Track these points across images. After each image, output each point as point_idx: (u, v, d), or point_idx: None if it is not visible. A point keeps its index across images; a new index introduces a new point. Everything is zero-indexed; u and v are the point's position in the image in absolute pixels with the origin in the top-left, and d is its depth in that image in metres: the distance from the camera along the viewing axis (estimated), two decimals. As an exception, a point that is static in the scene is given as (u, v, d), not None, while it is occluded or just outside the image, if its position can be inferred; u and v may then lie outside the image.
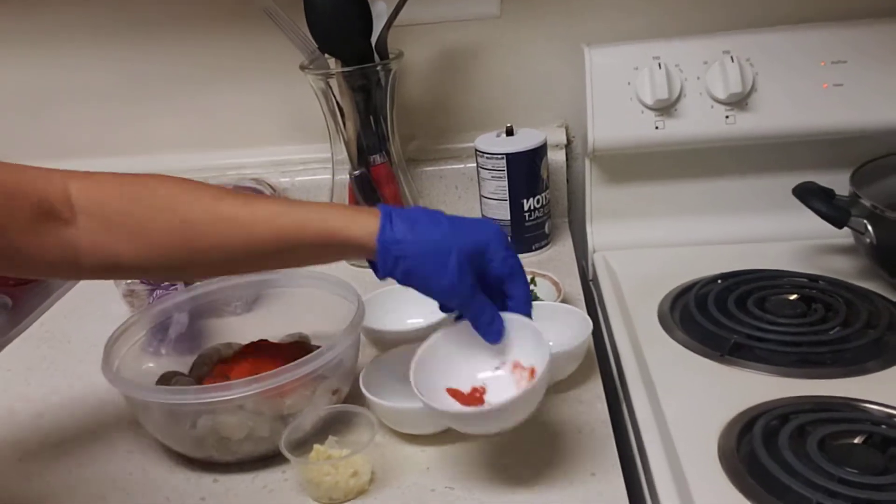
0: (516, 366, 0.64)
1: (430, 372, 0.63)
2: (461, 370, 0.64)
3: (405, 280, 0.62)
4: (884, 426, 0.64)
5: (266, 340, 0.76)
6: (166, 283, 0.92)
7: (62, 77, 1.14)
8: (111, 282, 0.96)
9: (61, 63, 1.13)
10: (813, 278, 0.88)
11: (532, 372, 0.62)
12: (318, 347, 0.76)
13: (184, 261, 0.62)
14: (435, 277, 0.61)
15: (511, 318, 0.64)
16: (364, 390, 0.69)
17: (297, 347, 0.75)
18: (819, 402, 0.69)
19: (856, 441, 0.63)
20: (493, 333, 0.63)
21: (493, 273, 0.63)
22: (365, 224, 0.61)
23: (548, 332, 0.78)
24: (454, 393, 0.63)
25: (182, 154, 1.16)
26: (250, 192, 1.05)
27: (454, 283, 0.60)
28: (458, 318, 0.66)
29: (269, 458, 0.68)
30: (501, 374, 0.64)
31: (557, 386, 0.73)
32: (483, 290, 0.63)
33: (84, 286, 1.09)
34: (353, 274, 1.03)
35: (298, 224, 0.61)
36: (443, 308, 0.67)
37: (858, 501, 0.56)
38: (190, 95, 1.13)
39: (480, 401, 0.63)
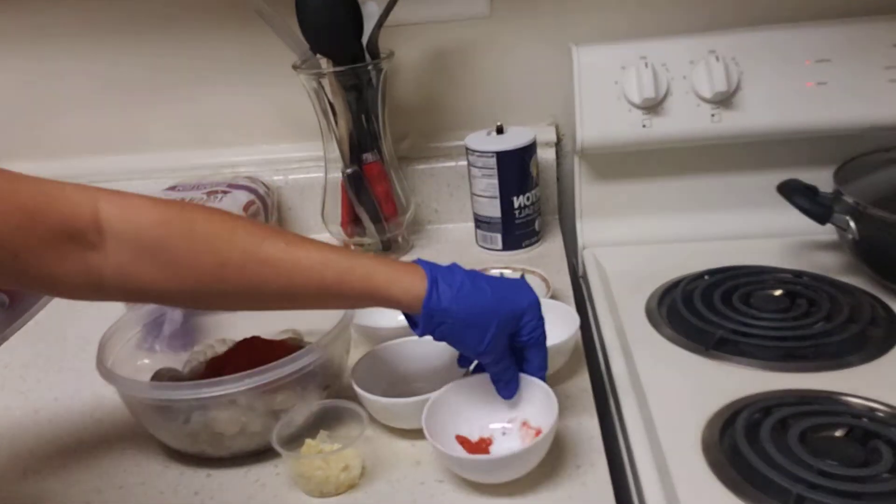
0: (524, 424, 0.67)
1: (442, 417, 0.65)
2: (471, 420, 0.67)
3: (442, 338, 0.64)
4: (864, 419, 0.66)
5: (259, 337, 0.77)
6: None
7: (56, 76, 1.15)
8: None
9: (55, 62, 1.14)
10: (797, 274, 0.89)
11: (538, 432, 0.65)
12: (310, 344, 0.78)
13: (213, 296, 0.61)
14: (473, 343, 0.63)
15: (525, 378, 0.67)
16: (355, 386, 0.70)
17: (290, 344, 0.76)
18: (801, 396, 0.70)
19: (837, 434, 0.65)
20: (509, 391, 0.67)
21: (520, 339, 0.65)
22: (410, 287, 0.62)
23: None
24: (462, 440, 0.66)
25: (176, 152, 1.16)
26: (246, 191, 1.06)
27: (490, 349, 0.63)
28: (473, 371, 0.70)
29: (262, 453, 0.70)
30: (509, 429, 0.68)
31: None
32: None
33: (79, 284, 1.10)
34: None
35: (341, 277, 0.60)
36: (461, 361, 0.70)
37: (839, 493, 0.57)
38: (183, 94, 1.14)
39: (486, 451, 0.66)
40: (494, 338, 0.63)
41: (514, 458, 0.61)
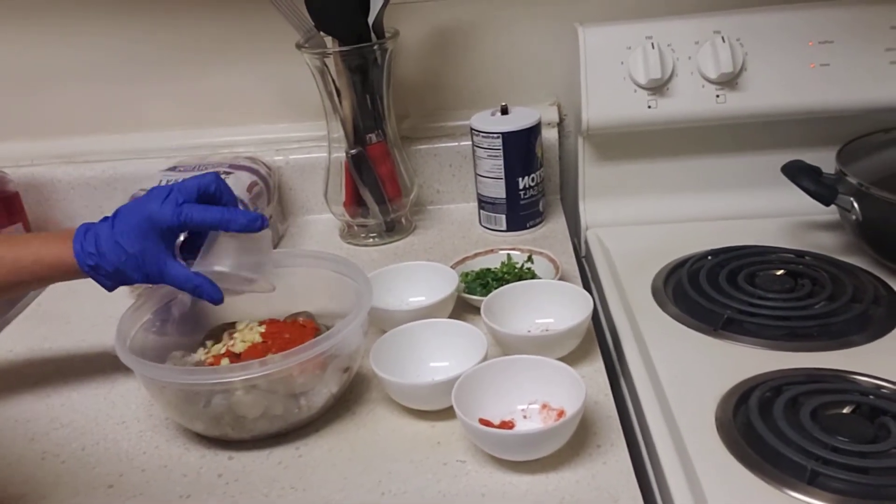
0: (545, 406, 0.69)
1: (465, 399, 0.66)
2: (493, 403, 0.68)
3: (116, 282, 0.73)
4: (871, 396, 0.68)
5: (276, 320, 0.77)
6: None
7: (55, 55, 1.13)
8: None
9: (54, 41, 1.12)
10: (799, 254, 0.91)
11: (560, 413, 0.67)
12: (325, 326, 0.78)
13: None
14: (138, 276, 0.72)
15: (545, 361, 0.69)
16: (375, 368, 0.71)
17: (306, 326, 0.76)
18: (810, 374, 0.72)
19: (845, 411, 0.66)
20: (210, 296, 0.71)
21: (181, 226, 0.70)
22: (60, 254, 0.72)
23: (548, 309, 0.81)
24: (485, 423, 0.66)
25: (175, 131, 1.15)
26: (248, 172, 1.05)
27: (150, 270, 0.71)
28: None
29: (282, 435, 0.70)
30: (530, 411, 0.69)
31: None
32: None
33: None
34: (348, 253, 1.05)
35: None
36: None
37: (851, 468, 0.59)
38: (184, 73, 1.13)
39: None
40: (145, 257, 0.69)
41: (546, 433, 0.63)
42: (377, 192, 1.03)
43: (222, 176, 1.02)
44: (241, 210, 0.72)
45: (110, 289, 0.74)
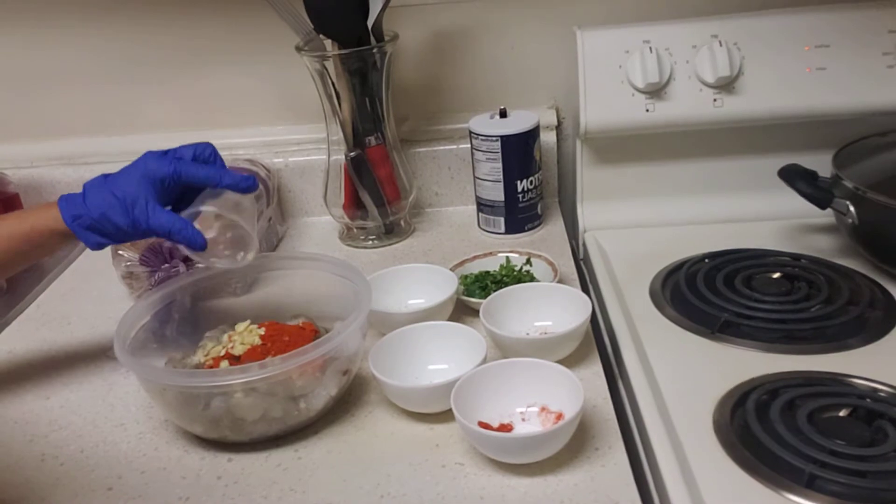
0: (544, 409, 0.69)
1: (464, 402, 0.66)
2: (492, 406, 0.69)
3: (100, 239, 0.73)
4: (868, 399, 0.68)
5: (276, 322, 0.77)
6: (166, 265, 0.93)
7: (54, 56, 1.13)
8: (106, 263, 0.96)
9: (53, 43, 1.12)
10: (796, 257, 0.91)
11: (558, 416, 0.67)
12: (324, 328, 0.78)
13: None
14: (125, 223, 0.71)
15: (543, 363, 0.69)
16: (374, 370, 0.71)
17: (305, 329, 0.76)
18: (806, 377, 0.72)
19: (842, 414, 0.67)
20: (195, 243, 0.72)
21: (181, 181, 0.73)
22: (46, 216, 0.73)
23: (546, 312, 0.81)
24: (484, 426, 0.66)
25: (175, 133, 1.14)
26: (245, 173, 1.05)
27: (141, 219, 0.71)
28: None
29: (281, 438, 0.71)
30: (528, 414, 0.69)
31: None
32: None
33: (78, 267, 1.09)
34: (347, 255, 1.05)
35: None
36: None
37: (849, 472, 0.60)
38: (183, 75, 1.13)
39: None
40: (136, 203, 0.70)
41: (545, 436, 0.63)
42: (376, 195, 1.03)
43: (221, 178, 1.03)
44: (233, 171, 0.75)
45: (94, 246, 0.73)
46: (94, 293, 1.01)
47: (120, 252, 0.94)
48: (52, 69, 1.14)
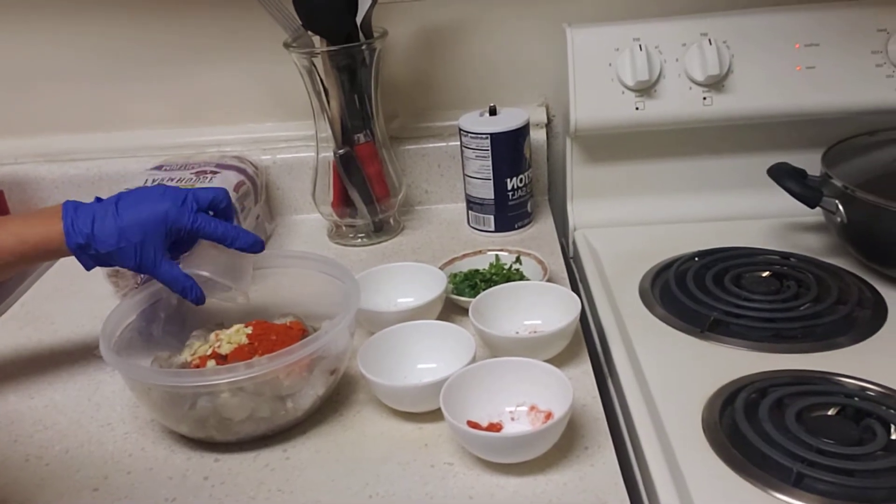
0: (533, 408, 0.68)
1: (453, 402, 0.66)
2: (481, 405, 0.68)
3: (101, 264, 0.73)
4: (856, 398, 0.68)
5: (263, 321, 0.76)
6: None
7: (39, 53, 1.12)
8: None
9: (38, 39, 1.11)
10: (785, 255, 0.91)
11: (548, 415, 0.67)
12: (312, 327, 0.78)
13: None
14: (128, 261, 0.72)
15: (532, 363, 0.68)
16: (362, 370, 0.71)
17: (293, 328, 0.76)
18: (795, 376, 0.72)
19: (830, 413, 0.67)
20: (193, 297, 0.74)
21: (188, 232, 0.73)
22: (47, 234, 0.72)
23: (536, 311, 0.81)
24: (473, 425, 0.66)
25: (162, 130, 1.15)
26: (235, 171, 1.04)
27: (146, 262, 0.72)
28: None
29: (269, 438, 0.70)
30: (518, 413, 0.69)
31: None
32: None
33: (62, 266, 1.08)
34: (336, 253, 1.04)
35: None
36: None
37: (837, 471, 0.60)
38: (170, 71, 1.12)
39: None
40: (144, 249, 0.71)
41: (534, 436, 0.63)
42: (365, 193, 1.03)
43: (209, 175, 1.02)
44: (247, 231, 0.76)
45: (90, 268, 0.74)
46: (79, 292, 1.00)
47: (106, 250, 0.93)
48: (38, 65, 1.13)
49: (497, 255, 0.93)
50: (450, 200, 1.13)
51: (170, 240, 0.73)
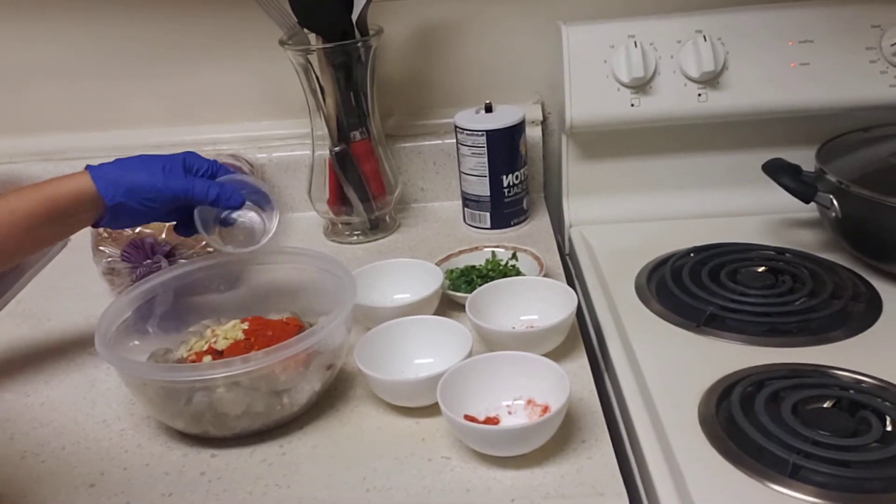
0: (530, 401, 0.69)
1: (450, 396, 0.66)
2: (478, 399, 0.68)
3: (124, 211, 0.75)
4: (851, 391, 0.68)
5: (259, 317, 0.76)
6: (147, 261, 0.92)
7: (34, 51, 1.12)
8: (87, 259, 0.96)
9: (33, 37, 1.11)
10: (780, 251, 0.91)
11: (545, 409, 0.67)
12: (308, 323, 0.78)
13: None
14: (151, 186, 0.75)
15: (529, 357, 0.69)
16: (359, 365, 0.71)
17: (290, 324, 0.76)
18: (791, 369, 0.73)
19: (826, 405, 0.67)
20: (233, 201, 0.78)
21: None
22: (78, 184, 0.74)
23: (532, 306, 0.81)
24: (470, 419, 0.66)
25: (157, 128, 1.15)
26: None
27: (172, 182, 0.75)
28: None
29: (265, 433, 0.70)
30: (515, 407, 0.69)
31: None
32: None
33: (58, 263, 1.08)
34: (332, 251, 1.04)
35: (28, 214, 0.73)
36: (178, 229, 0.81)
37: (832, 462, 0.60)
38: (165, 69, 1.12)
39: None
40: (171, 171, 0.75)
41: (531, 429, 0.63)
42: (361, 190, 1.03)
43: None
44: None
45: (98, 223, 0.76)
46: (74, 289, 1.00)
47: (101, 248, 0.93)
48: (32, 64, 1.13)
49: (493, 252, 0.93)
50: (446, 198, 1.14)
51: (188, 172, 0.77)
